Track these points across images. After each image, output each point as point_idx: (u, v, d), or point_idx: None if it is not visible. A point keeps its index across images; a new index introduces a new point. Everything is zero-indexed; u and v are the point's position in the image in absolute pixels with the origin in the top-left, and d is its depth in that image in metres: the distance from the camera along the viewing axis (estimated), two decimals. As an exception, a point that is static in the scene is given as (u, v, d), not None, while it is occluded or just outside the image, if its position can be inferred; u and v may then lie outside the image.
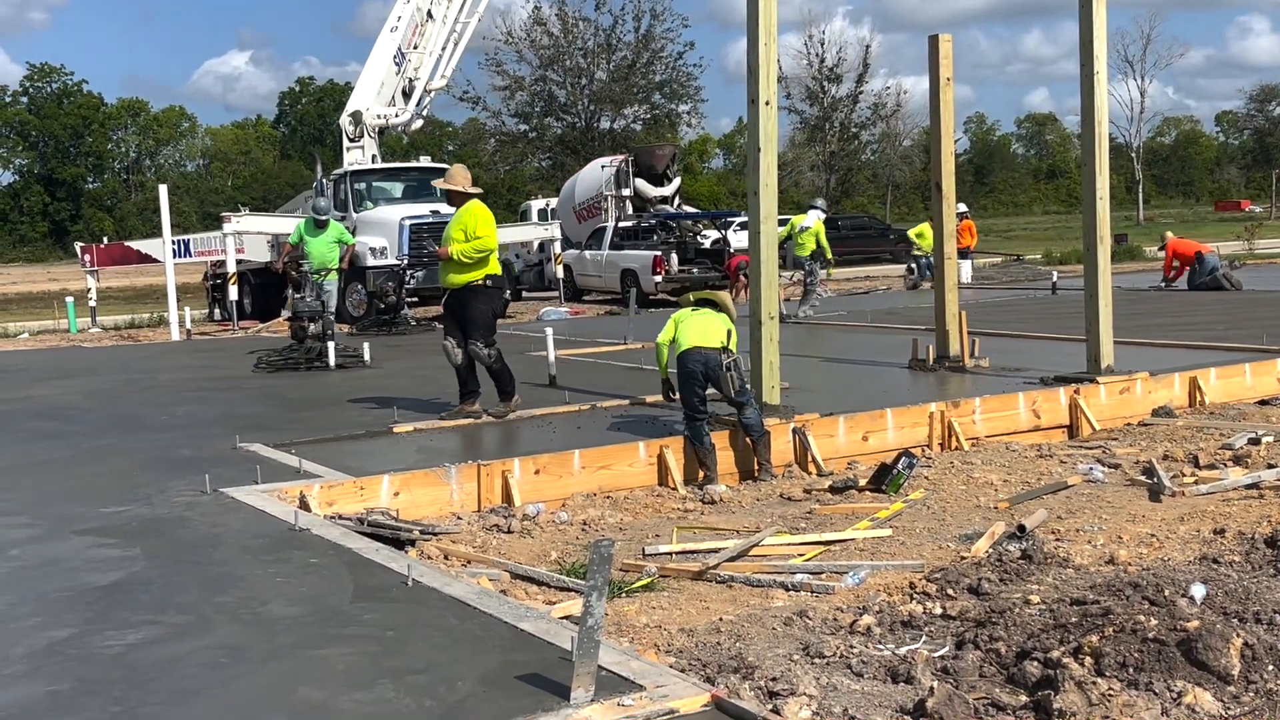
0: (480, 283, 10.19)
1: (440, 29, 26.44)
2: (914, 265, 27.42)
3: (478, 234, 10.05)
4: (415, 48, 26.30)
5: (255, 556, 6.27)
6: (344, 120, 25.94)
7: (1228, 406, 11.02)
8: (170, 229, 22.93)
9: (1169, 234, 26.01)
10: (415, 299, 21.86)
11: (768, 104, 9.52)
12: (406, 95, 26.33)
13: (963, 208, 28.16)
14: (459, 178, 10.40)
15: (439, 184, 10.67)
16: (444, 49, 26.73)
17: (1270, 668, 4.71)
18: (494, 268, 10.33)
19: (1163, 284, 22.82)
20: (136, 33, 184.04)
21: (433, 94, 27.29)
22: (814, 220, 20.48)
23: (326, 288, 16.74)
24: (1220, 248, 27.92)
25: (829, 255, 20.92)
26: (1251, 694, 4.57)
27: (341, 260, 17.42)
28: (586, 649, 4.15)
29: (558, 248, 28.35)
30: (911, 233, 27.36)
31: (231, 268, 23.57)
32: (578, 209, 33.01)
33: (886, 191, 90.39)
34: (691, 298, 9.70)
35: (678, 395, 9.17)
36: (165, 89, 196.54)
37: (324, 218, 17.31)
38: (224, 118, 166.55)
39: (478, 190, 10.49)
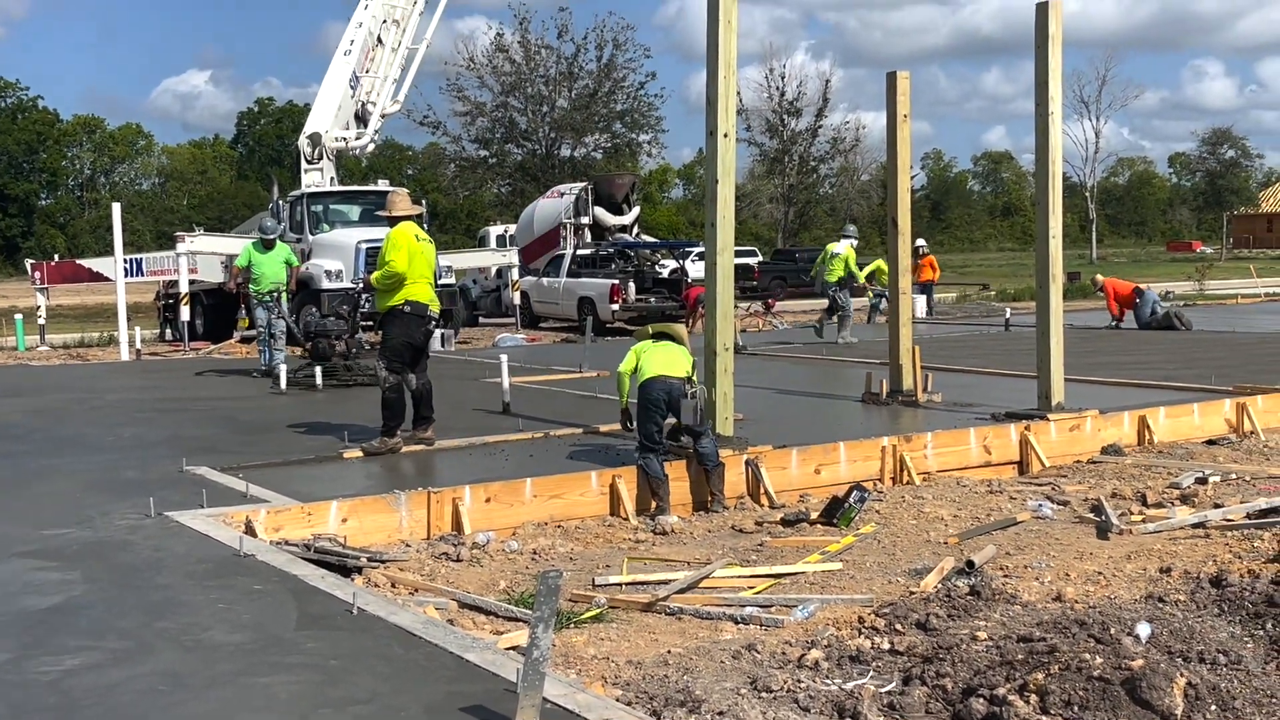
0: (399, 307, 10.05)
1: (390, 55, 26.45)
2: (876, 300, 27.44)
3: (386, 259, 9.98)
4: (368, 71, 26.29)
5: (198, 582, 6.18)
6: (302, 142, 25.81)
7: (1176, 446, 11.13)
8: (123, 248, 22.71)
9: (1099, 276, 26.30)
10: (370, 323, 21.72)
11: (726, 136, 9.56)
12: (360, 119, 26.29)
13: (922, 243, 28.39)
14: (395, 203, 10.37)
15: (382, 214, 10.64)
16: (397, 73, 26.73)
17: (1213, 707, 4.74)
18: (415, 294, 10.03)
19: (1114, 323, 23.02)
20: (96, 50, 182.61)
21: (387, 118, 27.25)
22: (845, 247, 20.84)
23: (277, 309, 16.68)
24: (1175, 288, 28.34)
25: (860, 280, 21.35)
26: (1195, 734, 4.59)
27: (289, 281, 17.31)
28: (532, 681, 4.11)
29: (515, 274, 28.32)
30: (863, 274, 26.24)
31: (184, 288, 23.36)
32: (535, 238, 32.99)
33: (844, 225, 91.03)
34: (650, 330, 9.69)
35: (635, 425, 9.16)
36: (124, 106, 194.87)
37: (271, 238, 17.17)
38: (181, 136, 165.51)
39: (417, 210, 10.44)
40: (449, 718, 4.30)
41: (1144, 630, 5.56)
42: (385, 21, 26.35)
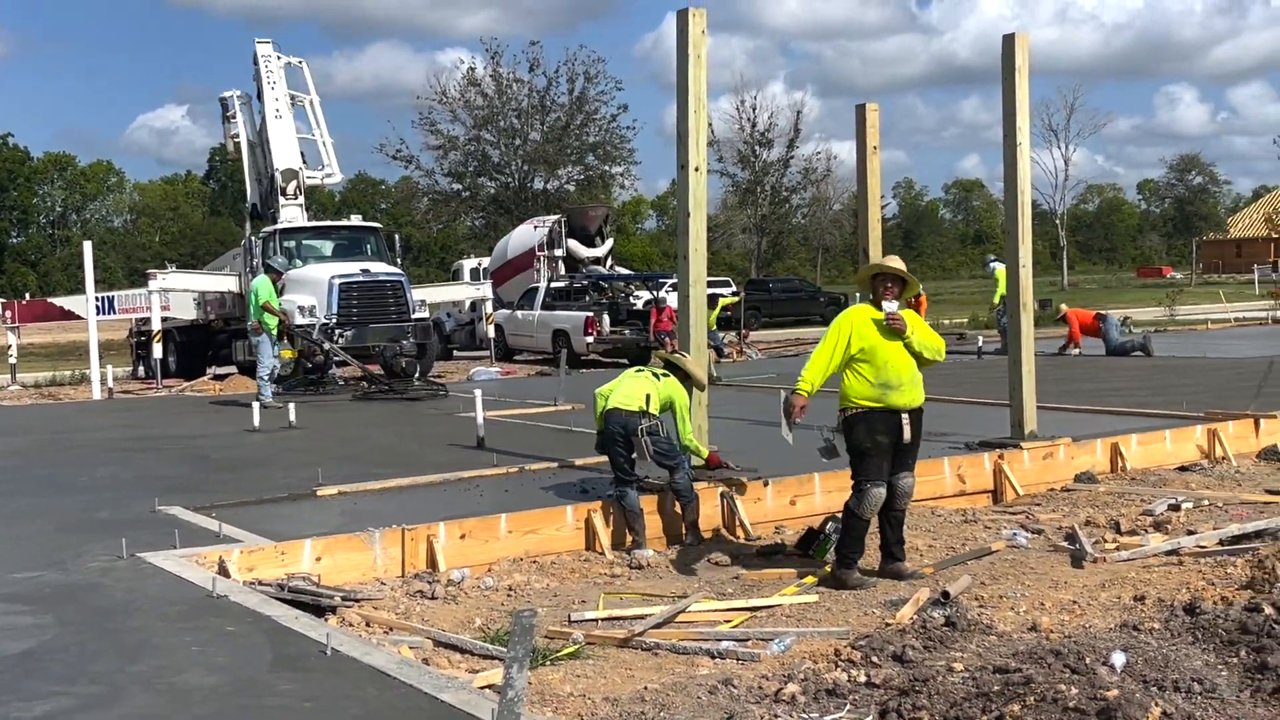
0: None
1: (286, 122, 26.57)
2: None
3: None
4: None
5: (171, 624, 6.14)
6: (277, 176, 25.80)
7: (1149, 472, 11.18)
8: (94, 285, 22.63)
9: (1064, 305, 26.49)
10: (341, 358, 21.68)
11: (697, 170, 9.61)
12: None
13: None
14: None
15: None
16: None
17: (1188, 736, 4.75)
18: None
19: (1064, 351, 23.00)
20: (70, 87, 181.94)
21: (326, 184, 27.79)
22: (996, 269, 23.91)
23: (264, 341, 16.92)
24: (1141, 314, 28.48)
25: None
26: (1170, 763, 4.60)
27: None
28: (507, 721, 4.09)
29: (489, 307, 28.30)
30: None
31: (156, 325, 23.27)
32: (507, 261, 33.05)
33: (817, 254, 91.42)
34: (657, 356, 9.71)
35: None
36: (98, 142, 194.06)
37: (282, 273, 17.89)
38: (156, 172, 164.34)
39: None
40: (424, 759, 4.27)
41: (1119, 659, 5.57)
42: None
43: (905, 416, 7.80)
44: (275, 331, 17.19)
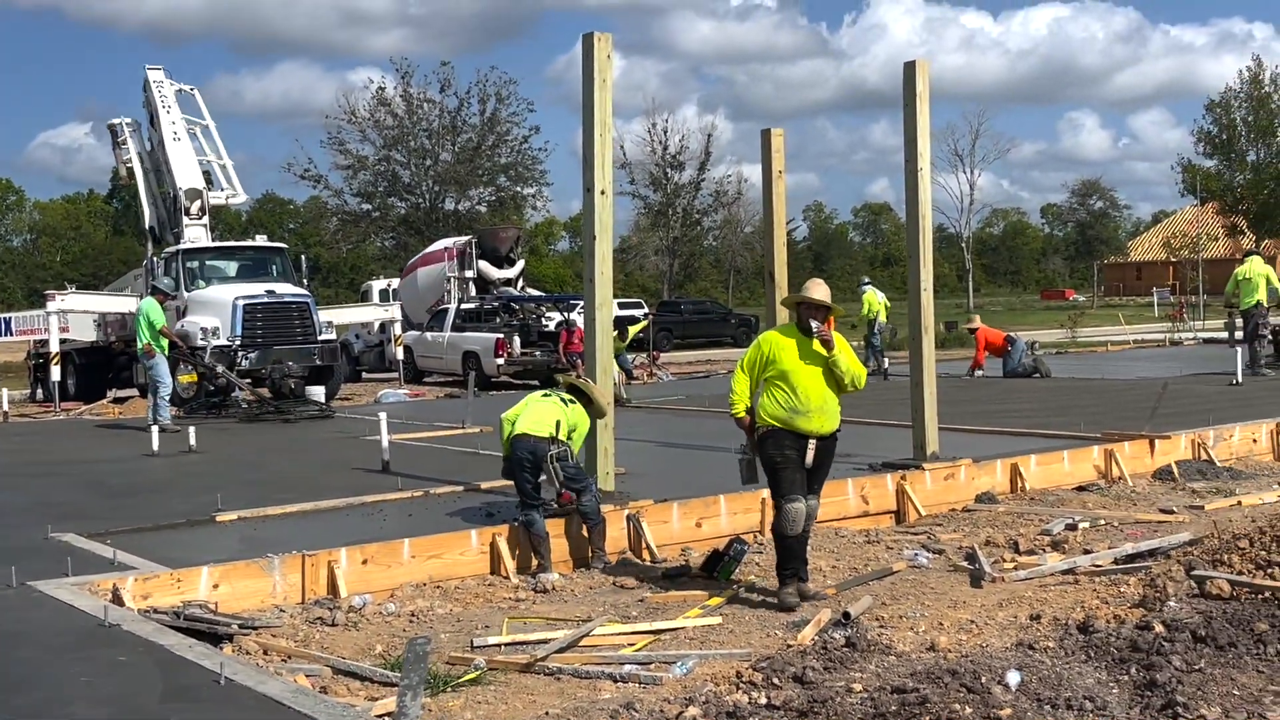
0: None
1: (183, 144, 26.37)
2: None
3: None
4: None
5: (60, 655, 5.99)
6: (181, 196, 25.40)
7: (1047, 492, 11.38)
8: (-9, 306, 22.09)
9: (976, 318, 26.99)
10: (249, 380, 21.38)
11: (603, 193, 9.63)
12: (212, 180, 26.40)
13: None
14: None
15: None
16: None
17: (1079, 754, 4.83)
18: None
19: (972, 374, 23.29)
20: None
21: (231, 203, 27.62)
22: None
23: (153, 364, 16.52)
24: (1044, 336, 28.95)
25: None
26: (1061, 781, 4.67)
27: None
28: (401, 751, 4.04)
29: (398, 329, 28.09)
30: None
31: (55, 347, 22.77)
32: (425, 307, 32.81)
33: (729, 276, 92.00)
34: (563, 381, 9.67)
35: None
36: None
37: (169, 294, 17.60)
38: (58, 190, 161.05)
39: None
40: (317, 790, 4.21)
41: (1013, 678, 5.66)
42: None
43: (812, 442, 7.84)
44: (165, 355, 16.82)
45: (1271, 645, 6.13)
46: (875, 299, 26.51)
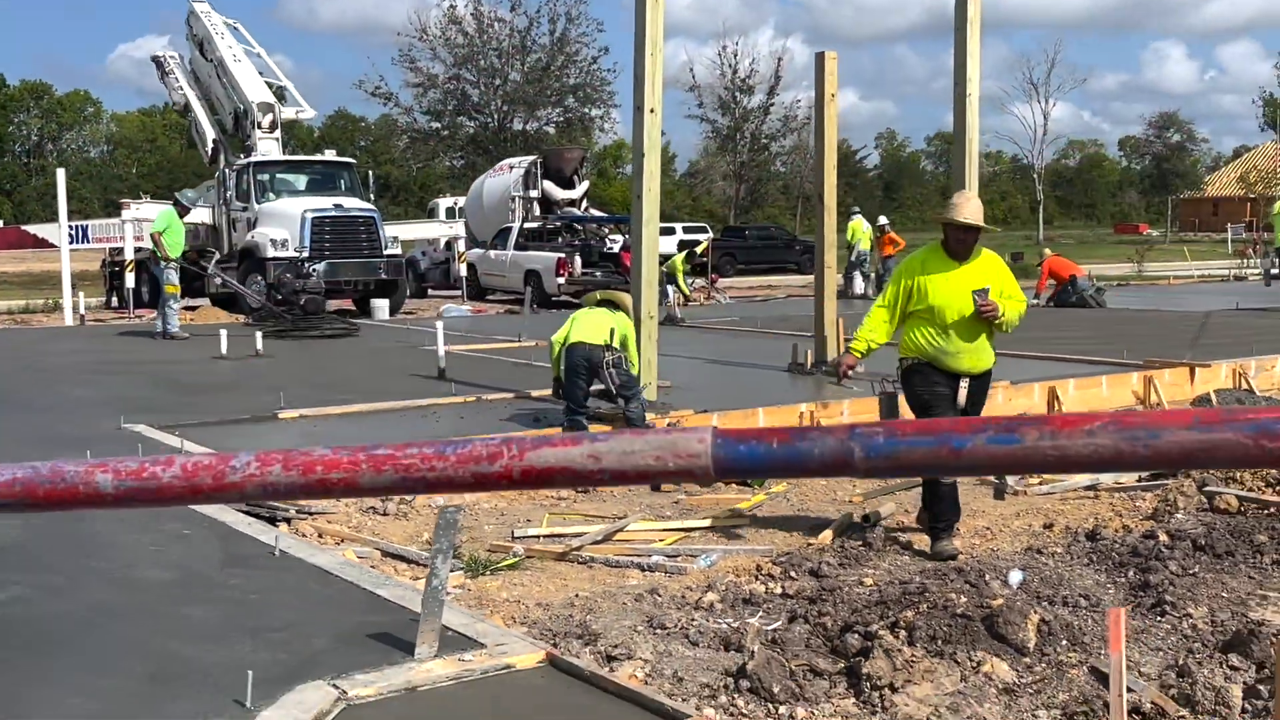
0: None
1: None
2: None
3: None
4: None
5: (130, 527, 6.49)
6: (253, 109, 25.92)
7: (1084, 415, 11.59)
8: (68, 214, 22.79)
9: (1048, 250, 26.99)
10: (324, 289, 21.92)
11: (653, 111, 9.90)
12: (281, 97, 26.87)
13: (884, 220, 29.27)
14: None
15: None
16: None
17: (1064, 642, 5.18)
18: None
19: (1037, 299, 23.41)
20: (51, 15, 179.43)
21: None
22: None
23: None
24: (1106, 270, 28.82)
25: None
26: (1044, 665, 5.03)
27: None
28: (431, 608, 4.47)
29: (462, 246, 28.54)
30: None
31: (129, 255, 23.47)
32: (484, 216, 33.23)
33: (797, 203, 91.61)
34: (597, 296, 10.01)
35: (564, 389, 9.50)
36: (79, 71, 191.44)
37: (189, 207, 18.76)
38: (135, 103, 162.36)
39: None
40: (358, 643, 4.65)
41: (1015, 577, 6.00)
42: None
43: (964, 380, 7.04)
44: (176, 262, 17.25)
45: (1269, 555, 6.41)
46: (860, 227, 26.75)
